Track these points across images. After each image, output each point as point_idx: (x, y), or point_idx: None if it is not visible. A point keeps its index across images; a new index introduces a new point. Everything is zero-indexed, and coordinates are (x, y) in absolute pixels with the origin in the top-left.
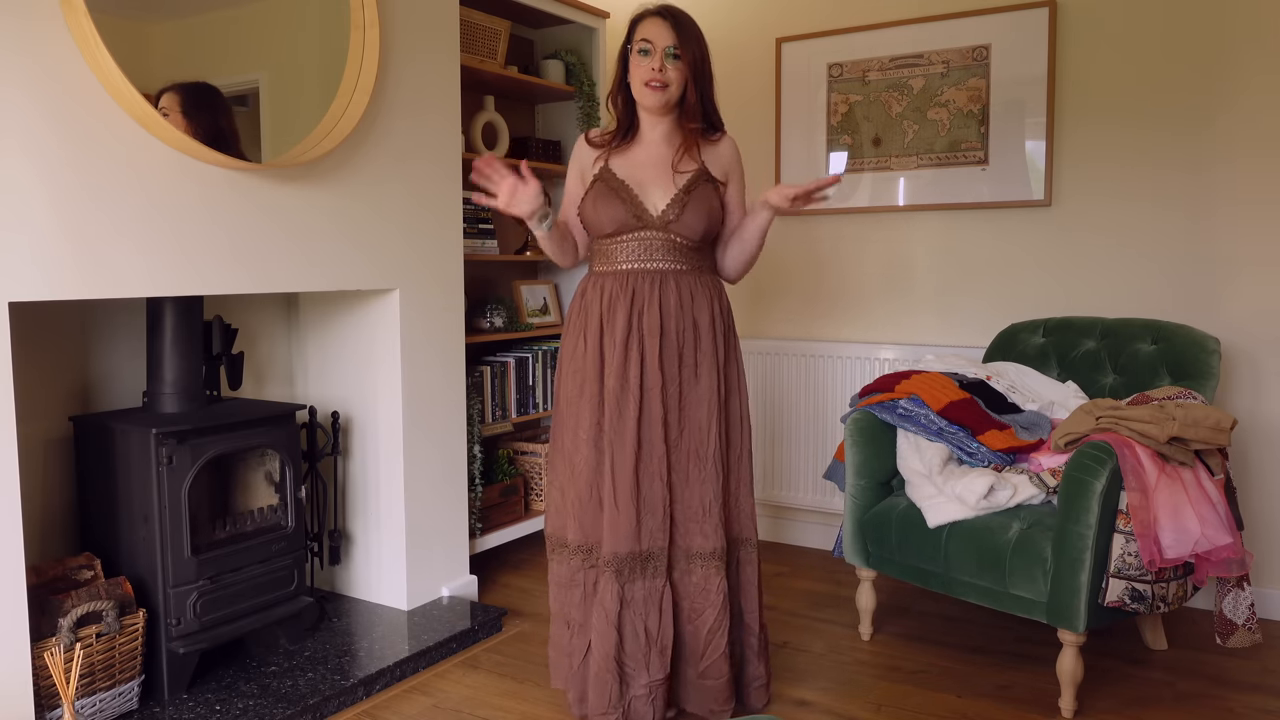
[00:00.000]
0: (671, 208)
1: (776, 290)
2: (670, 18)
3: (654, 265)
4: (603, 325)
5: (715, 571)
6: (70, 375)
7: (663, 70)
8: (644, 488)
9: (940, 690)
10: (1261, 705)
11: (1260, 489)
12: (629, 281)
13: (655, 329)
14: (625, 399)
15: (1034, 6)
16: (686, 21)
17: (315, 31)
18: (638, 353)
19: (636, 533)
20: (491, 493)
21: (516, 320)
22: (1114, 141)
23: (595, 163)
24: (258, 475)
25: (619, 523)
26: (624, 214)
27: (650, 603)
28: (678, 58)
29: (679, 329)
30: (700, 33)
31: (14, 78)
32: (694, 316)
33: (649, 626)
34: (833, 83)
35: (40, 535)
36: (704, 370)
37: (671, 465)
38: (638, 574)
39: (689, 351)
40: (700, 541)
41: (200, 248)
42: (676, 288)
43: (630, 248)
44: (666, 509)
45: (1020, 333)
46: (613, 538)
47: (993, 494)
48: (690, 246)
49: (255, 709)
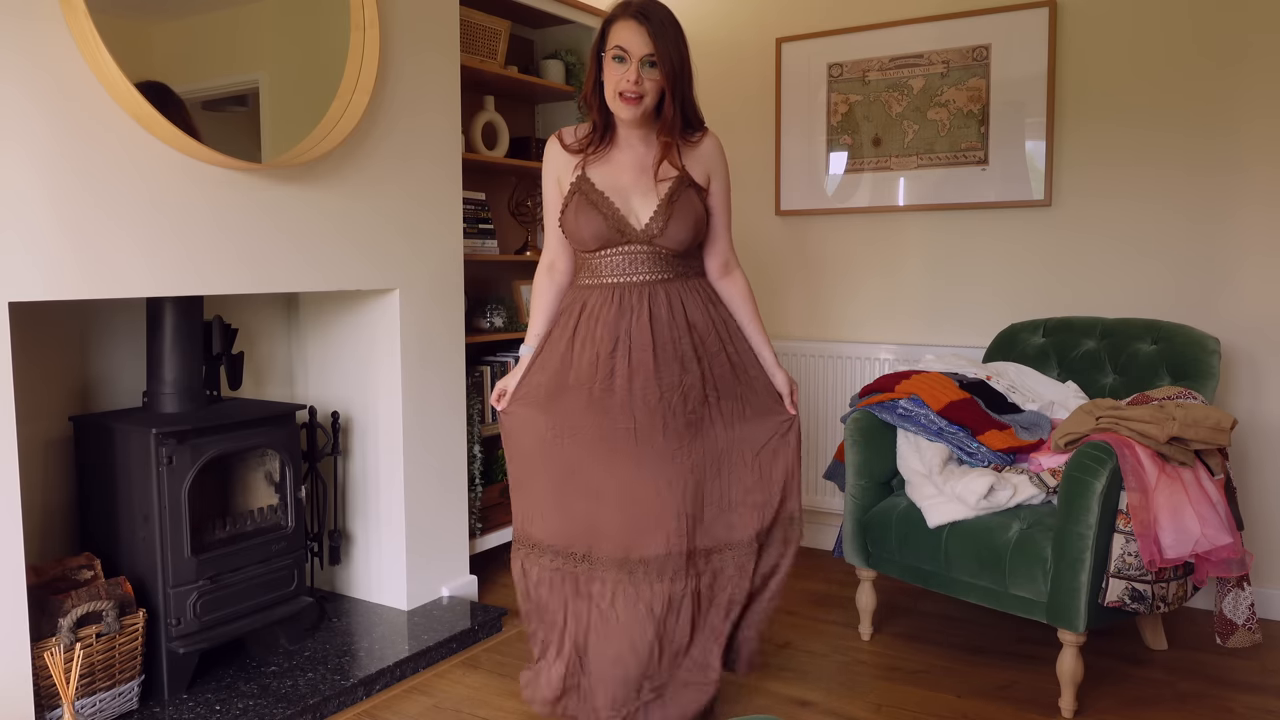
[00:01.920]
0: (655, 220)
1: (777, 290)
2: (646, 20)
3: (640, 278)
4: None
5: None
6: (70, 375)
7: (639, 81)
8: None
9: (940, 690)
10: (1261, 705)
11: (1260, 489)
12: (615, 295)
13: (646, 342)
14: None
15: (1034, 6)
16: (663, 21)
17: (315, 31)
18: (625, 364)
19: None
20: (491, 493)
21: (516, 320)
22: (1114, 141)
23: (573, 170)
24: (258, 475)
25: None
26: (606, 228)
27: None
28: (655, 65)
29: (674, 336)
30: (679, 31)
31: (14, 77)
32: (687, 319)
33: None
34: (833, 83)
35: (40, 535)
36: (721, 376)
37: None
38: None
39: (689, 353)
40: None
41: (200, 248)
42: (666, 296)
43: (614, 262)
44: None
45: (1020, 333)
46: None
47: (993, 494)
48: (676, 255)
49: (255, 709)
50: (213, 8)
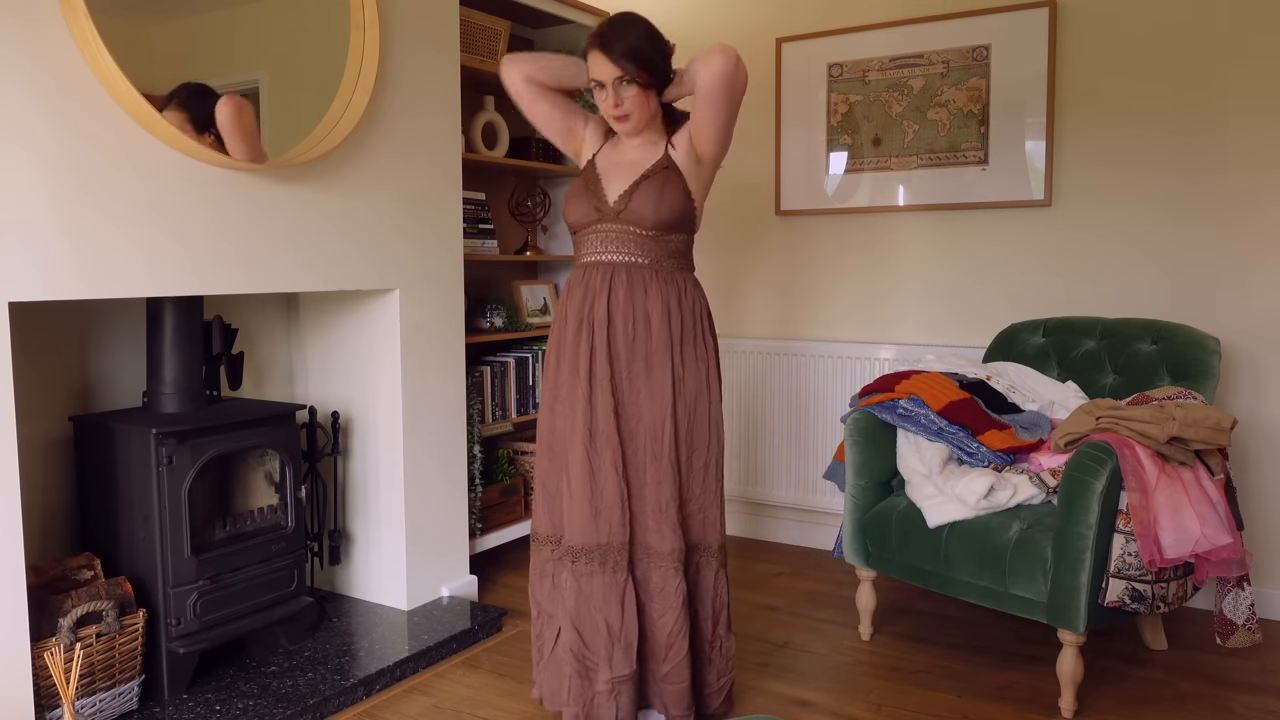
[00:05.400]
0: (622, 198)
1: (776, 290)
2: (606, 48)
3: (609, 257)
4: (566, 317)
5: (673, 573)
6: (70, 375)
7: (618, 103)
8: (599, 480)
9: (940, 690)
10: (1261, 705)
11: (1260, 489)
12: (586, 274)
13: (603, 320)
14: (575, 390)
15: (1034, 6)
16: (622, 39)
17: (315, 31)
18: (588, 344)
19: (594, 524)
20: (491, 493)
21: (516, 320)
22: (1114, 142)
23: (591, 149)
24: (258, 475)
25: (574, 514)
26: (587, 207)
27: (610, 597)
28: (631, 82)
29: (625, 321)
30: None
31: (14, 78)
32: (646, 310)
33: (609, 621)
34: (833, 83)
35: (40, 535)
36: (656, 366)
37: (628, 460)
38: (595, 567)
39: (640, 345)
40: (657, 541)
41: (200, 248)
42: (628, 280)
43: (591, 240)
44: (624, 503)
45: (1020, 333)
46: (570, 529)
47: (993, 494)
48: (650, 238)
49: (255, 709)
50: (213, 8)
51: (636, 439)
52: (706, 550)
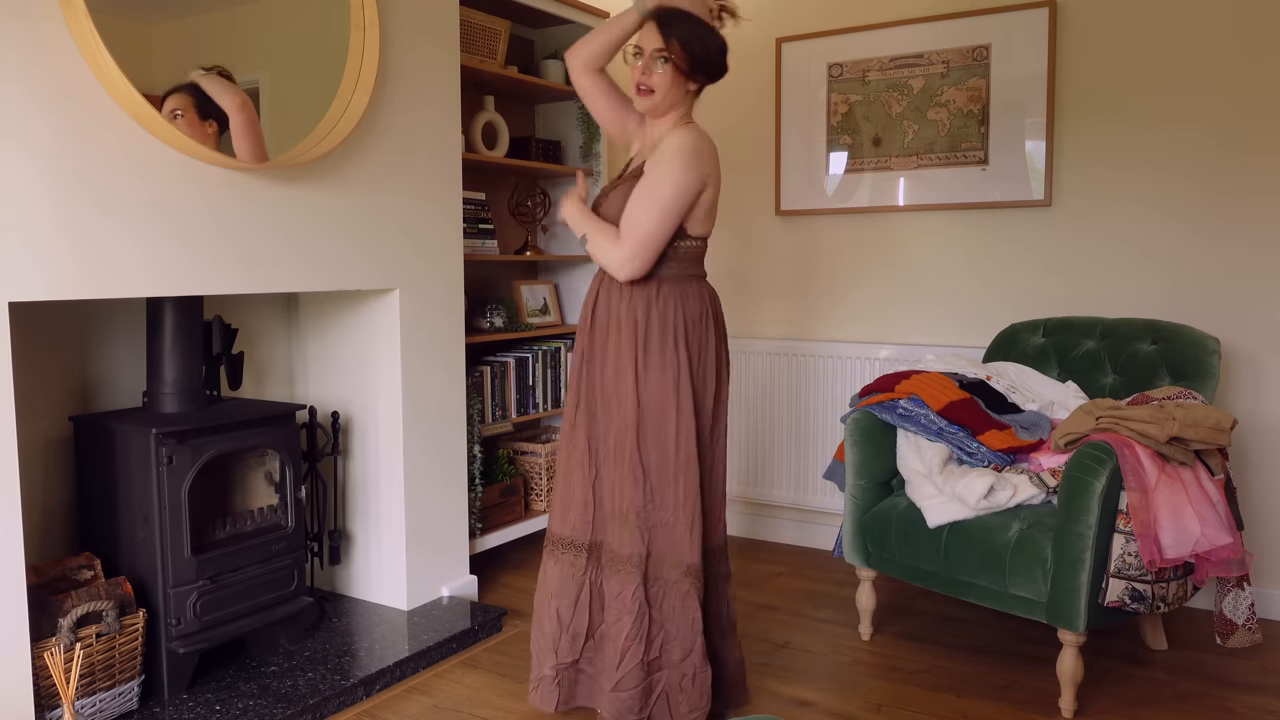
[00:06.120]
0: (600, 198)
1: (776, 290)
2: (661, 22)
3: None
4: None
5: (630, 579)
6: (70, 375)
7: (647, 73)
8: (571, 479)
9: (940, 690)
10: (1261, 705)
11: (1260, 489)
12: (592, 279)
13: (587, 325)
14: (571, 390)
15: (1034, 6)
16: (683, 23)
17: (315, 31)
18: (579, 347)
19: (563, 519)
20: (491, 493)
21: (516, 320)
22: (1114, 142)
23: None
24: (258, 475)
25: (555, 504)
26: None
27: (566, 590)
28: (667, 60)
29: (602, 326)
30: (700, 29)
31: (14, 77)
32: (619, 316)
33: (560, 611)
34: (833, 83)
35: (40, 535)
36: (624, 372)
37: (599, 462)
38: (559, 557)
39: (611, 352)
40: (616, 544)
41: (200, 248)
42: (608, 285)
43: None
44: (589, 503)
45: (1020, 333)
46: (550, 517)
47: (993, 494)
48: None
49: (255, 709)
50: (213, 8)
51: (607, 442)
52: (675, 566)
